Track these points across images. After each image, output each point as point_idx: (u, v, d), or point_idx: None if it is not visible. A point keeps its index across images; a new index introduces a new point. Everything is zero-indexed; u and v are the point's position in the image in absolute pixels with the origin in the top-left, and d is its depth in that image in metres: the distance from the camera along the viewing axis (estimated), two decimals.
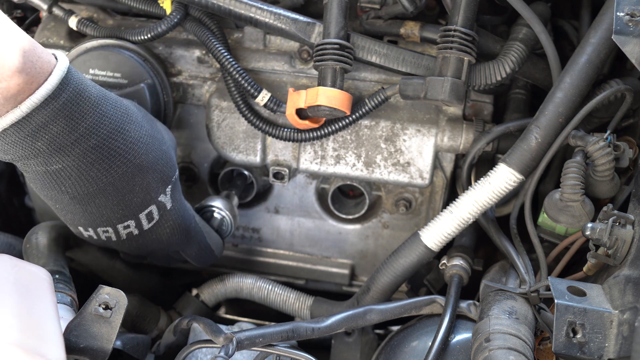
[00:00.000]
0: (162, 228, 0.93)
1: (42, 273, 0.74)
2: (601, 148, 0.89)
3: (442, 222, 0.99)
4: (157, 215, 0.90)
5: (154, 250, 0.98)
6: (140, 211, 0.88)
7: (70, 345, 0.70)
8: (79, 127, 0.76)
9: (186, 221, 0.96)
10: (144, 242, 0.93)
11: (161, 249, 0.97)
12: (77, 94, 0.76)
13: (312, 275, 1.28)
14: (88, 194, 0.82)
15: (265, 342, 0.88)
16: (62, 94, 0.74)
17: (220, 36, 1.05)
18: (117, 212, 0.86)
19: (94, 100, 0.78)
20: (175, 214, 0.93)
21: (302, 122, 1.02)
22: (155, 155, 0.87)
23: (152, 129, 0.89)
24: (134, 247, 0.94)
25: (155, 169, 0.87)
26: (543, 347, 0.84)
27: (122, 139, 0.81)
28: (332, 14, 0.97)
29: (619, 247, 0.79)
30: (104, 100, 0.80)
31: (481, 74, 0.98)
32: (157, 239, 0.94)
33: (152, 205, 0.89)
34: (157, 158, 0.88)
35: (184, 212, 0.96)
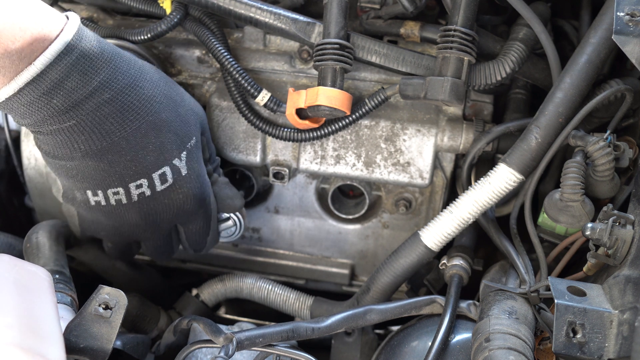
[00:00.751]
0: (175, 193, 0.91)
1: (42, 273, 0.74)
2: (601, 148, 0.89)
3: (442, 222, 0.99)
4: (171, 179, 0.90)
5: (160, 221, 0.95)
6: (153, 170, 0.87)
7: (70, 345, 0.70)
8: (93, 81, 0.79)
9: (202, 194, 0.96)
10: (154, 206, 0.92)
11: (170, 218, 0.95)
12: (90, 49, 0.79)
13: (312, 275, 1.28)
14: (101, 149, 0.83)
15: (265, 342, 0.88)
16: (74, 49, 0.77)
17: (220, 36, 1.05)
18: (130, 169, 0.86)
19: (108, 56, 0.81)
20: (191, 182, 0.92)
21: (302, 122, 1.02)
22: (170, 116, 0.88)
23: (169, 89, 0.90)
24: (144, 212, 0.92)
25: (169, 129, 0.87)
26: (543, 347, 0.84)
27: (135, 94, 0.83)
28: (332, 14, 0.97)
29: (619, 247, 0.79)
30: (117, 56, 0.83)
31: (481, 74, 0.98)
32: (169, 205, 0.93)
33: (166, 167, 0.88)
34: (172, 119, 0.88)
35: (201, 184, 0.95)
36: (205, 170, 0.97)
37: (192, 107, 0.96)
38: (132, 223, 0.94)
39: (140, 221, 0.94)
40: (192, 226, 1.00)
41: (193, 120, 0.94)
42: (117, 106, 0.81)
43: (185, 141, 0.91)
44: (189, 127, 0.92)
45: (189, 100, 0.96)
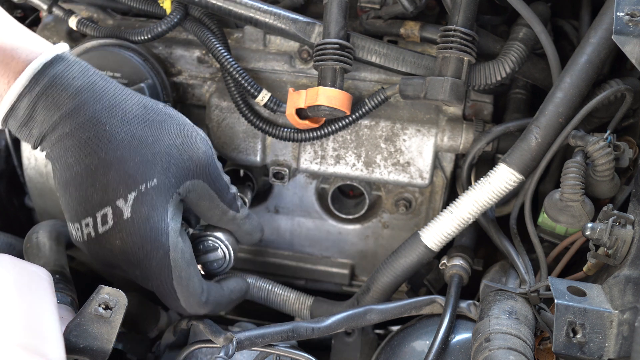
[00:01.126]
0: (113, 238, 0.83)
1: (42, 273, 0.74)
2: (601, 148, 0.89)
3: (442, 222, 0.99)
4: (111, 221, 0.83)
5: (114, 268, 0.88)
6: (97, 209, 0.83)
7: (70, 345, 0.70)
8: (55, 115, 0.81)
9: (151, 245, 0.84)
10: (99, 250, 0.85)
11: (116, 264, 0.87)
12: (53, 84, 0.81)
13: (312, 275, 1.28)
14: (65, 181, 0.84)
15: (265, 342, 0.88)
16: (36, 86, 0.80)
17: (220, 36, 1.05)
18: (82, 205, 0.83)
19: (73, 91, 0.82)
20: (133, 228, 0.83)
21: (302, 122, 1.02)
22: (127, 154, 0.82)
23: (145, 129, 0.85)
24: (93, 254, 0.87)
25: (119, 168, 0.82)
26: (543, 347, 0.84)
27: (94, 129, 0.82)
28: (332, 14, 0.97)
29: (619, 247, 0.79)
30: (89, 89, 0.83)
31: (481, 74, 0.98)
32: (111, 250, 0.85)
33: (108, 207, 0.82)
34: (128, 157, 0.82)
35: (150, 232, 0.83)
36: (166, 219, 0.84)
37: (173, 151, 0.85)
38: (95, 262, 0.90)
39: (97, 264, 0.90)
40: (150, 283, 0.88)
41: (164, 162, 0.84)
42: (76, 141, 0.82)
43: (139, 182, 0.82)
44: (150, 169, 0.83)
45: (180, 139, 0.87)
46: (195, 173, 0.87)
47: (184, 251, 0.87)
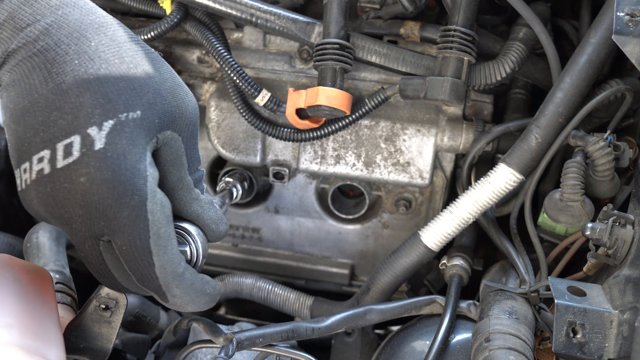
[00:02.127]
0: (76, 174, 0.65)
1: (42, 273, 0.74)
2: (601, 148, 0.89)
3: (442, 222, 0.99)
4: (77, 152, 0.65)
5: (68, 218, 0.67)
6: (60, 138, 0.66)
7: (70, 345, 0.70)
8: (28, 28, 0.67)
9: (125, 185, 0.65)
10: (52, 192, 0.66)
11: (78, 216, 0.66)
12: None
13: (312, 275, 1.28)
14: (21, 109, 0.67)
15: (265, 342, 0.88)
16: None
17: (220, 36, 1.05)
18: (38, 136, 0.66)
19: (56, 3, 0.69)
20: (105, 162, 0.65)
21: (302, 122, 1.02)
22: (109, 74, 0.68)
23: (134, 57, 0.71)
24: (42, 200, 0.67)
25: (98, 89, 0.66)
26: (543, 347, 0.84)
27: (76, 46, 0.68)
28: (332, 14, 0.97)
29: (619, 247, 0.79)
30: (73, 5, 0.69)
31: (481, 74, 0.98)
32: (67, 191, 0.66)
33: (75, 136, 0.65)
34: (110, 79, 0.68)
35: (125, 171, 0.66)
36: (145, 161, 0.68)
37: (162, 91, 0.71)
38: (39, 215, 0.70)
39: (43, 213, 0.69)
40: (118, 239, 0.67)
41: (151, 97, 0.70)
42: (50, 56, 0.67)
43: (120, 109, 0.67)
44: (135, 98, 0.68)
45: (171, 82, 0.73)
46: (178, 125, 0.73)
47: (163, 204, 0.69)
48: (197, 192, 0.77)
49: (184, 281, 0.71)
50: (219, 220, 0.79)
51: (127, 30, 0.73)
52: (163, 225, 0.69)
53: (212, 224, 0.78)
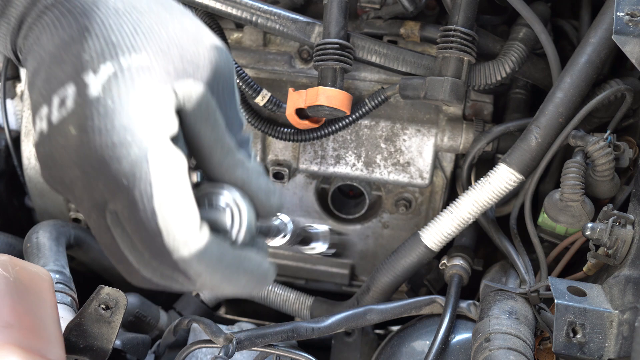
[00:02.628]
0: (69, 125, 0.57)
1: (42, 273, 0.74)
2: (601, 148, 0.89)
3: (442, 222, 0.99)
4: (72, 102, 0.57)
5: (69, 182, 0.58)
6: (56, 89, 0.58)
7: (70, 345, 0.70)
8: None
9: (116, 136, 0.55)
10: (50, 152, 0.58)
11: (71, 176, 0.58)
12: None
13: (312, 275, 1.28)
14: (32, 72, 0.61)
15: (265, 342, 0.88)
16: None
17: (220, 36, 1.05)
18: (43, 89, 0.59)
19: None
20: (99, 111, 0.56)
21: (302, 122, 1.01)
22: (115, 23, 0.60)
23: (148, 3, 0.62)
24: (43, 161, 0.60)
25: (99, 35, 0.58)
26: (543, 347, 0.84)
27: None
28: (332, 14, 0.97)
29: (619, 247, 0.79)
30: None
31: (481, 74, 0.98)
32: (64, 146, 0.57)
33: (70, 84, 0.57)
34: (115, 26, 0.60)
35: (120, 120, 0.56)
36: (150, 109, 0.58)
37: (182, 39, 0.61)
38: (50, 184, 0.62)
39: (49, 179, 0.61)
40: (119, 203, 0.56)
41: (164, 42, 0.60)
42: (57, 12, 0.60)
43: (122, 52, 0.58)
44: (142, 40, 0.60)
45: (194, 31, 0.62)
46: (203, 75, 0.61)
47: (174, 158, 0.58)
48: (242, 156, 0.63)
49: (208, 254, 0.58)
50: (271, 191, 0.64)
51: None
52: (171, 181, 0.57)
53: (261, 194, 0.63)
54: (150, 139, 0.57)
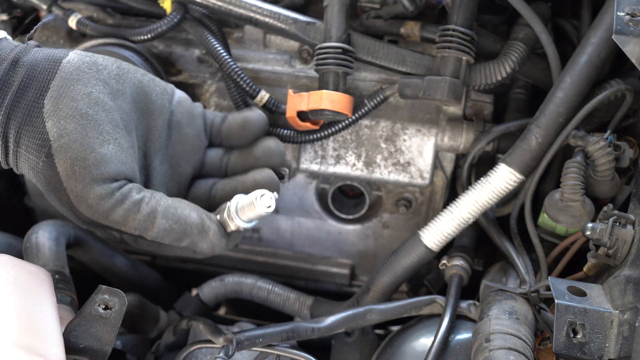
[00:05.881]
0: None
1: (42, 273, 0.74)
2: (601, 148, 0.89)
3: (442, 222, 0.99)
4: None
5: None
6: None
7: (70, 345, 0.70)
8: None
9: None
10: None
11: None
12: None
13: (312, 275, 1.28)
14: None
15: (265, 342, 0.88)
16: None
17: (219, 36, 1.05)
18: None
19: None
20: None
21: (303, 124, 1.01)
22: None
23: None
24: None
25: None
26: (543, 347, 0.84)
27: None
28: (333, 17, 0.97)
29: (619, 247, 0.79)
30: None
31: (481, 74, 0.98)
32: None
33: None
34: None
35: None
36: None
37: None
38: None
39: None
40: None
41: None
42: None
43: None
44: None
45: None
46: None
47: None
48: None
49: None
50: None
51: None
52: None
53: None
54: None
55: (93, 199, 0.73)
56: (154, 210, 0.76)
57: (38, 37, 1.13)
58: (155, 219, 0.76)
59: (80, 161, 0.72)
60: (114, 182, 0.75)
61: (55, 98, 0.74)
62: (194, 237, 0.78)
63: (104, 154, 0.74)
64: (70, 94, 0.74)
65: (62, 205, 0.75)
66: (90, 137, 0.74)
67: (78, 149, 0.73)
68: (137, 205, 0.75)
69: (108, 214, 0.74)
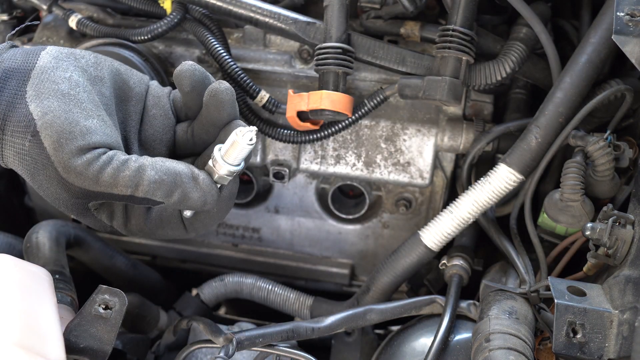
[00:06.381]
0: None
1: (42, 273, 0.74)
2: (601, 148, 0.89)
3: (442, 222, 0.99)
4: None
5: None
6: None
7: (70, 345, 0.70)
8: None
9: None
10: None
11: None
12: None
13: (312, 275, 1.28)
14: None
15: (265, 342, 0.88)
16: None
17: (219, 36, 1.05)
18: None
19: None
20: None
21: (303, 125, 1.01)
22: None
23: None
24: None
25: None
26: (543, 347, 0.84)
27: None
28: (334, 17, 0.97)
29: (619, 247, 0.79)
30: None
31: (481, 74, 0.98)
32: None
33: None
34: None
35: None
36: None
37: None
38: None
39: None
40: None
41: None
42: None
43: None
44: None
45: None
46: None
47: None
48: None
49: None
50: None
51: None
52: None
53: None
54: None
55: (81, 165, 0.74)
56: (142, 165, 0.76)
57: (38, 37, 1.13)
58: (145, 172, 0.76)
59: (66, 134, 0.74)
60: (100, 149, 0.76)
61: (36, 84, 0.76)
62: (184, 187, 0.77)
63: (89, 126, 0.76)
64: (51, 78, 0.77)
65: (51, 183, 0.76)
66: (74, 113, 0.76)
67: (63, 123, 0.74)
68: (125, 163, 0.76)
69: (97, 177, 0.74)
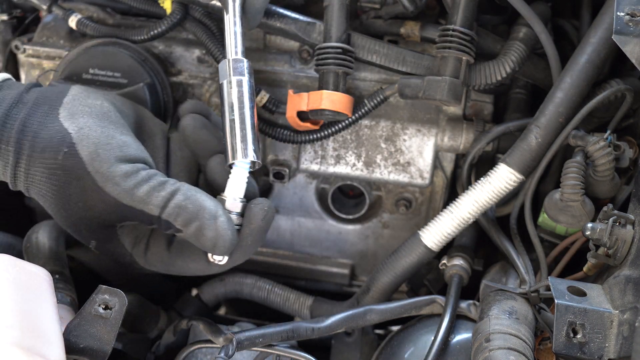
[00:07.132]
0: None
1: (42, 273, 0.74)
2: (601, 148, 0.89)
3: (442, 222, 0.99)
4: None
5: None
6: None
7: (70, 345, 0.70)
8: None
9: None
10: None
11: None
12: None
13: (312, 275, 1.28)
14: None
15: (265, 342, 0.88)
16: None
17: (220, 36, 1.05)
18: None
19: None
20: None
21: (303, 125, 1.01)
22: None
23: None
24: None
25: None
26: (543, 347, 0.84)
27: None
28: (333, 17, 0.97)
29: (619, 247, 0.79)
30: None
31: (481, 74, 0.98)
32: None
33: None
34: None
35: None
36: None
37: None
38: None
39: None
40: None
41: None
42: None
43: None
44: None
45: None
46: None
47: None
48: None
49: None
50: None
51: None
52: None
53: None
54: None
55: (120, 176, 0.77)
56: (177, 190, 0.80)
57: (38, 37, 1.13)
58: (176, 195, 0.79)
59: (104, 145, 0.78)
60: (138, 164, 0.80)
61: (69, 108, 0.80)
62: (203, 222, 0.80)
63: (125, 140, 0.80)
64: (83, 103, 0.82)
65: (83, 194, 0.79)
66: (109, 129, 0.80)
67: (100, 135, 0.78)
68: (163, 184, 0.80)
69: (133, 190, 0.77)
